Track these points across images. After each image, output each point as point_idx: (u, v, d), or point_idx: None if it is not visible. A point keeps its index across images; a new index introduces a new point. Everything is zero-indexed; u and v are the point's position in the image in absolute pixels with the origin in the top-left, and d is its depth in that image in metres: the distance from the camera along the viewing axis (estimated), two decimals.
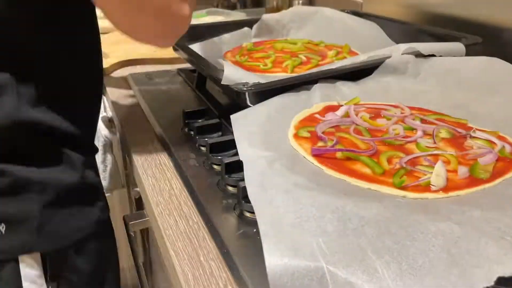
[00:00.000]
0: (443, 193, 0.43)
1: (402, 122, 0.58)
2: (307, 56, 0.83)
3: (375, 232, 0.34)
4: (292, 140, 0.54)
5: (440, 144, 0.52)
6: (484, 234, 0.33)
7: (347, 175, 0.46)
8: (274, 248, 0.32)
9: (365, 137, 0.54)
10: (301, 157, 0.50)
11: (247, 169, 0.43)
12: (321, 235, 0.34)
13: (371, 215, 0.37)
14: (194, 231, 0.49)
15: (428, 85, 0.67)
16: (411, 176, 0.46)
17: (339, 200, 0.38)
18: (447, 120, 0.58)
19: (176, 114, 0.76)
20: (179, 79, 0.94)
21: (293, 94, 0.63)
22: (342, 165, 0.48)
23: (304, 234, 0.34)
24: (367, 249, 0.32)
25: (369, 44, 0.90)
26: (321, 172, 0.47)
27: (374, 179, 0.45)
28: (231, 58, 0.87)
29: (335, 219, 0.36)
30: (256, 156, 0.46)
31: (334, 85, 0.66)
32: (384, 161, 0.48)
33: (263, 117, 0.56)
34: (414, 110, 0.62)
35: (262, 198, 0.38)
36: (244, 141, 0.50)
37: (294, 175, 0.43)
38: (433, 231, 0.33)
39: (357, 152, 0.49)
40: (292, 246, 0.32)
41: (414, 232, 0.34)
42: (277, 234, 0.33)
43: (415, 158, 0.49)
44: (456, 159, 0.48)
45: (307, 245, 0.33)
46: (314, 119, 0.59)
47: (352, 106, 0.60)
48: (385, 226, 0.35)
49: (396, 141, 0.53)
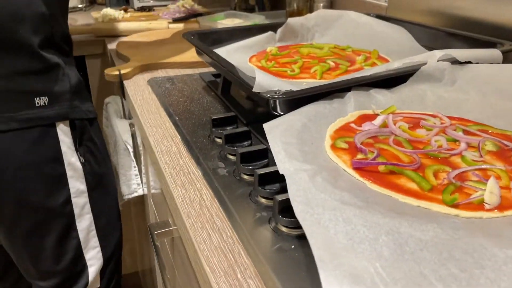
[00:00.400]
0: (498, 212, 0.40)
1: (443, 133, 0.55)
2: (335, 61, 0.81)
3: (437, 257, 0.32)
4: (330, 152, 0.51)
5: (486, 158, 0.50)
6: None
7: (394, 191, 0.43)
8: (331, 275, 0.30)
9: (407, 149, 0.51)
10: (341, 170, 0.48)
11: (290, 183, 0.41)
12: (377, 259, 0.32)
13: (428, 237, 0.34)
14: (229, 246, 0.47)
15: (466, 93, 0.64)
16: (460, 192, 0.43)
17: (392, 220, 0.36)
18: (490, 131, 0.55)
19: (201, 121, 0.74)
20: (202, 84, 0.92)
21: (326, 102, 0.61)
22: (385, 180, 0.46)
23: (360, 259, 0.32)
24: (431, 277, 0.30)
25: (397, 50, 0.88)
26: (365, 187, 0.45)
27: (422, 195, 0.43)
28: (256, 63, 0.85)
29: (391, 241, 0.34)
30: (295, 169, 0.44)
31: (368, 93, 0.64)
32: (430, 176, 0.46)
33: (298, 127, 0.54)
34: (454, 120, 0.59)
35: (309, 218, 0.36)
36: (281, 152, 0.47)
37: (339, 191, 0.41)
38: (502, 258, 0.31)
39: (402, 166, 0.47)
40: (350, 273, 0.30)
41: (481, 258, 0.31)
42: (333, 260, 0.31)
43: (463, 172, 0.46)
44: (507, 174, 0.46)
45: (365, 271, 0.31)
46: (350, 129, 0.57)
47: (390, 115, 0.58)
48: (446, 251, 0.32)
49: (440, 154, 0.50)
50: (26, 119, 0.83)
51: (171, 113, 0.78)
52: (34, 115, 0.84)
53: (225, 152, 0.63)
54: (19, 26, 0.79)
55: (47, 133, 0.86)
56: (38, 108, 0.84)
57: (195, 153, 0.65)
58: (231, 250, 0.47)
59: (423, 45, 0.90)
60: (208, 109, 0.80)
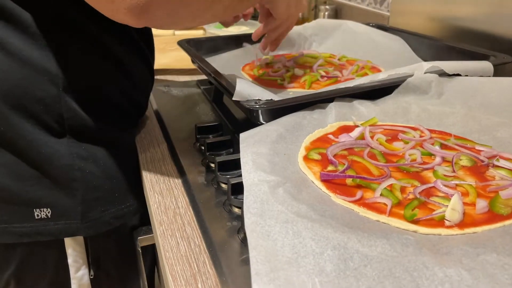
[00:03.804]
0: (458, 229, 0.40)
1: (421, 147, 0.54)
2: (326, 71, 0.81)
3: (377, 274, 0.32)
4: (302, 163, 0.51)
5: (459, 173, 0.49)
6: (496, 283, 0.30)
7: (356, 205, 0.43)
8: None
9: (379, 162, 0.51)
10: (310, 182, 0.48)
11: (247, 194, 0.41)
12: (318, 274, 0.32)
13: (375, 253, 0.34)
14: (195, 254, 0.48)
15: (452, 106, 0.63)
16: (425, 208, 0.43)
17: (342, 234, 0.36)
18: (470, 146, 0.54)
19: (190, 128, 0.75)
20: (198, 91, 0.93)
21: (307, 112, 0.61)
22: (351, 193, 0.45)
23: (300, 273, 0.32)
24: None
25: (393, 60, 0.87)
26: (329, 199, 0.45)
27: (384, 210, 0.42)
28: (249, 72, 0.85)
29: (336, 256, 0.33)
30: (259, 180, 0.44)
31: (350, 104, 0.63)
32: (396, 190, 0.45)
33: (273, 137, 0.54)
34: (435, 133, 0.58)
35: (259, 230, 0.36)
36: (249, 162, 0.47)
37: (297, 203, 0.41)
38: (440, 277, 0.30)
39: (369, 180, 0.47)
40: (284, 287, 0.30)
41: (419, 277, 0.31)
42: (270, 273, 0.31)
43: (431, 188, 0.46)
44: (475, 190, 0.45)
45: (302, 285, 0.31)
46: (328, 140, 0.57)
47: (368, 127, 0.57)
48: (388, 268, 0.32)
49: (412, 168, 0.50)
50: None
51: (161, 119, 0.79)
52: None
53: (206, 160, 0.63)
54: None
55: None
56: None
57: (178, 160, 0.66)
58: (196, 259, 0.47)
59: (420, 56, 0.89)
60: (200, 117, 0.80)
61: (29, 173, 0.62)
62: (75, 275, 0.69)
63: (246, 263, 0.43)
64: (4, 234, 0.64)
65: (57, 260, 0.67)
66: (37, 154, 0.62)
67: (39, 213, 0.64)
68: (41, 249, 0.66)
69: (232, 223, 0.50)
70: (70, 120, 0.63)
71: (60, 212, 0.64)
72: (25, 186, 0.62)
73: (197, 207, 0.54)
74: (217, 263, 0.45)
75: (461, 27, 0.95)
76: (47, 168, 0.62)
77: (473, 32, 0.92)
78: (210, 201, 0.55)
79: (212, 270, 0.45)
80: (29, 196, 0.63)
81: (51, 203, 0.64)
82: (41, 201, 0.63)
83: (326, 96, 0.63)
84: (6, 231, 0.64)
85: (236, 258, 0.45)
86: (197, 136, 0.69)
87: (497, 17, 0.86)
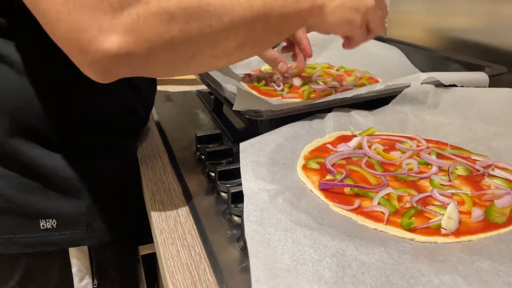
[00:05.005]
0: (454, 237, 0.40)
1: (417, 156, 0.55)
2: (325, 81, 0.82)
3: (375, 281, 0.32)
4: (300, 172, 0.52)
5: (455, 182, 0.50)
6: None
7: (354, 213, 0.44)
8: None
9: (377, 172, 0.52)
10: (308, 191, 0.49)
11: (248, 203, 0.42)
12: (317, 281, 0.33)
13: (373, 260, 0.35)
14: (195, 263, 0.48)
15: (449, 116, 0.64)
16: (421, 217, 0.44)
17: (341, 242, 0.37)
18: (466, 155, 0.55)
19: (191, 137, 0.76)
20: (198, 101, 0.94)
21: (306, 122, 0.62)
22: (349, 202, 0.46)
23: (299, 280, 0.33)
24: None
25: (391, 71, 0.88)
26: (327, 208, 0.45)
27: (382, 218, 0.43)
28: (249, 82, 0.86)
29: (334, 264, 0.34)
30: (259, 189, 0.45)
31: (349, 114, 0.64)
32: (394, 199, 0.46)
33: (273, 146, 0.55)
34: (432, 143, 0.59)
35: (259, 238, 0.37)
36: (249, 171, 0.48)
37: (297, 212, 0.42)
38: (436, 284, 0.31)
39: (366, 189, 0.47)
40: None
41: (415, 284, 0.32)
42: (269, 280, 0.32)
43: (427, 197, 0.47)
44: (471, 199, 0.46)
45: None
46: (326, 150, 0.57)
47: (366, 137, 0.58)
48: (386, 275, 0.33)
49: (409, 177, 0.51)
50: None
51: (162, 128, 0.80)
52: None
53: (207, 169, 0.64)
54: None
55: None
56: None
57: (179, 169, 0.66)
58: (197, 267, 0.48)
59: (417, 67, 0.90)
60: (200, 126, 0.81)
61: (34, 185, 0.63)
62: (79, 284, 0.70)
63: (246, 271, 0.44)
64: (9, 245, 0.64)
65: (62, 269, 0.68)
66: (41, 167, 0.63)
67: (44, 224, 0.64)
68: (45, 259, 0.67)
69: (232, 231, 0.51)
70: (73, 136, 0.64)
71: (65, 222, 0.65)
72: (30, 197, 0.63)
73: (198, 216, 0.55)
74: (217, 271, 0.46)
75: (458, 39, 0.97)
76: (51, 180, 0.63)
77: (469, 43, 0.93)
78: (210, 210, 0.56)
79: (212, 278, 0.46)
80: (35, 207, 0.64)
81: (56, 213, 0.65)
82: (47, 212, 0.64)
83: (324, 106, 0.64)
84: (12, 241, 0.64)
85: (236, 266, 0.46)
86: (197, 146, 0.69)
87: (493, 28, 0.88)
